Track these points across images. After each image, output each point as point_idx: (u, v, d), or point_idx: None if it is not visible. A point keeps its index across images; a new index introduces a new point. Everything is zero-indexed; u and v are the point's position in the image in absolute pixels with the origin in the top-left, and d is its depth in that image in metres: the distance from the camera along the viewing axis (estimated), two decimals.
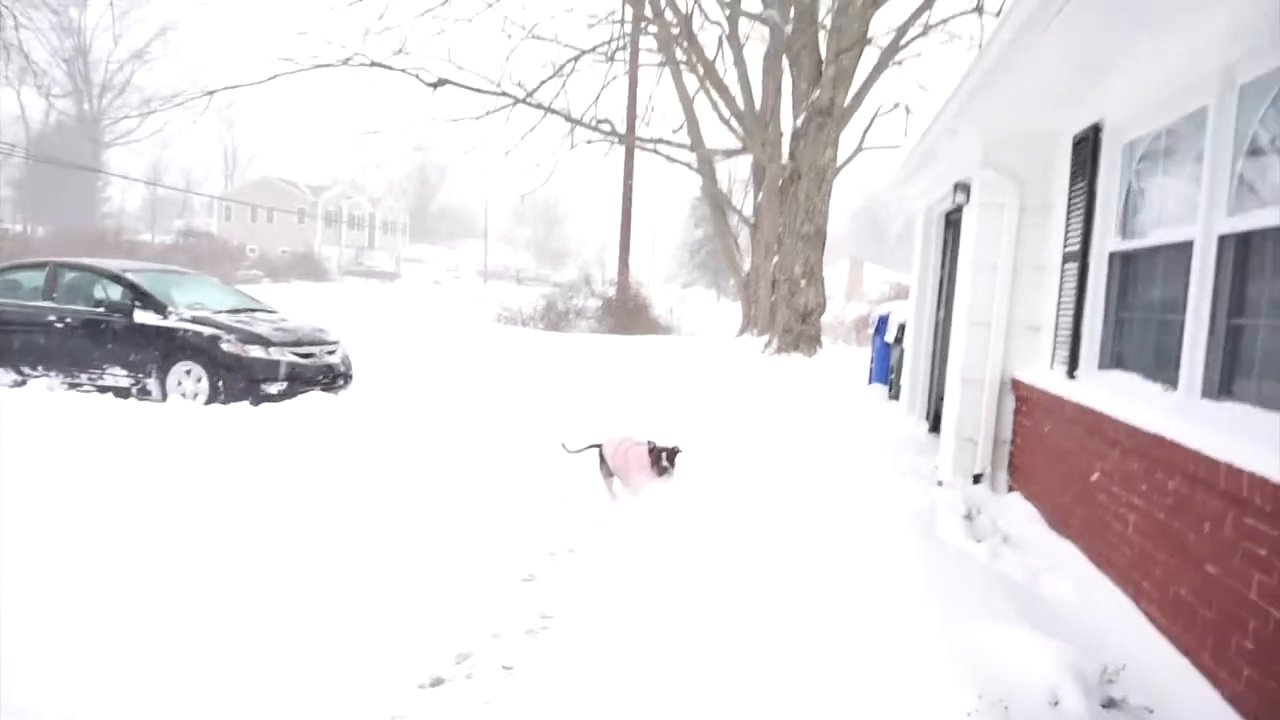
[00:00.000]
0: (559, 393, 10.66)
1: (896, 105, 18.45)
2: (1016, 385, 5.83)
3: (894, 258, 54.63)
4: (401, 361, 13.12)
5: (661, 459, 5.80)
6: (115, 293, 9.73)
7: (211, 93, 16.40)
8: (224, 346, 9.29)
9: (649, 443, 5.93)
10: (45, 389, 9.44)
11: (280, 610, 3.75)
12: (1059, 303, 5.31)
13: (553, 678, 3.28)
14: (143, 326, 9.48)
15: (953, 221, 7.88)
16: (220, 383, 9.22)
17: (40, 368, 9.72)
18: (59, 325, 9.69)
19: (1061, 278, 5.30)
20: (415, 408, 9.20)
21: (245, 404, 8.95)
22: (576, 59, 17.93)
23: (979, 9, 15.79)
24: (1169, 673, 3.21)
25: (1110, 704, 2.80)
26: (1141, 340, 4.46)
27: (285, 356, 9.55)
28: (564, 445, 6.35)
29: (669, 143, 20.45)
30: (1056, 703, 2.63)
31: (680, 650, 3.31)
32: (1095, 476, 4.35)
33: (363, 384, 10.63)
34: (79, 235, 38.13)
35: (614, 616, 3.78)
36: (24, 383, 9.65)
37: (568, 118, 18.12)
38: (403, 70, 16.85)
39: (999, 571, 4.17)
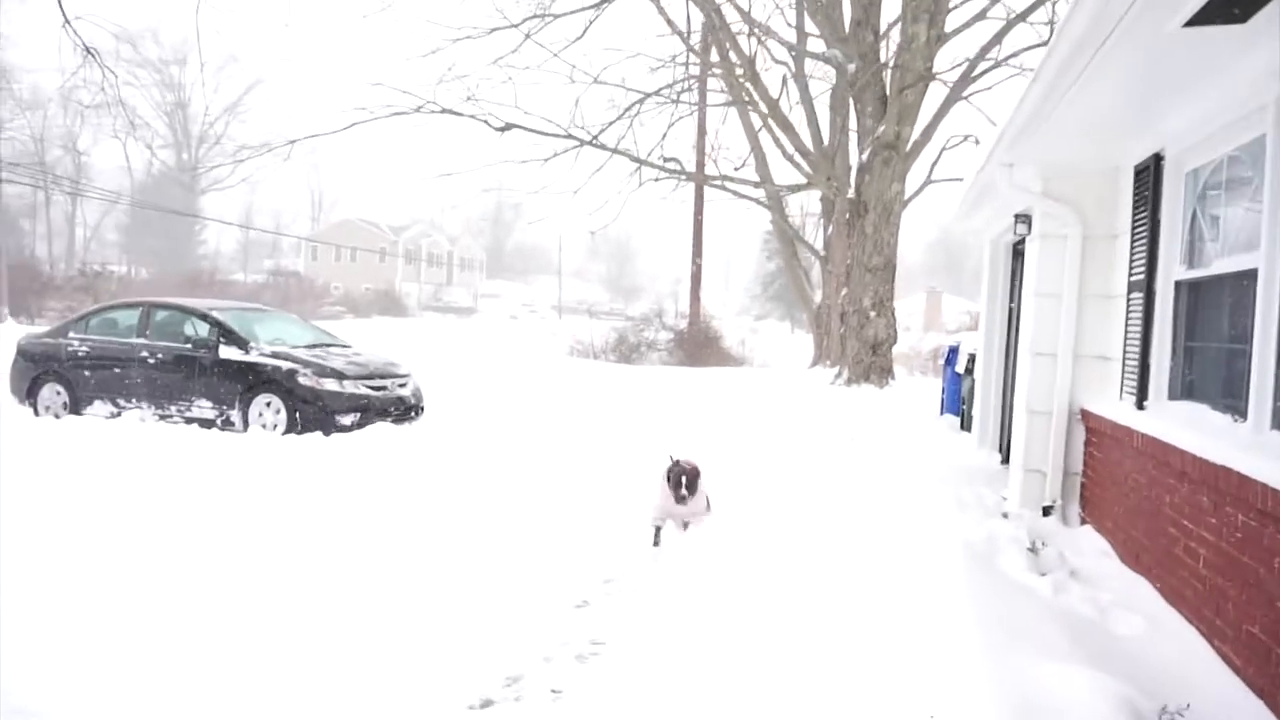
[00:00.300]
0: (625, 423, 10.72)
1: (965, 139, 18.18)
2: (1086, 416, 5.69)
3: (972, 288, 53.49)
4: (473, 393, 13.40)
5: (681, 484, 5.15)
6: (202, 330, 10.24)
7: (293, 141, 17.12)
8: (301, 380, 9.66)
9: (671, 460, 5.40)
10: (138, 420, 10.00)
11: (339, 626, 3.90)
12: (1126, 333, 5.18)
13: (599, 703, 3.31)
14: (227, 361, 9.94)
15: (1019, 252, 7.75)
16: (297, 414, 9.58)
17: (134, 400, 10.27)
18: (151, 360, 10.24)
19: (1128, 307, 5.18)
20: (482, 438, 9.39)
21: (319, 434, 9.30)
22: (641, 101, 18.15)
23: (1048, 44, 15.52)
24: (1239, 715, 3.08)
25: None
26: (1210, 371, 4.33)
27: (358, 389, 9.89)
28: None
29: (736, 179, 20.54)
30: None
31: (725, 680, 3.31)
32: (1165, 509, 4.22)
33: (434, 415, 10.90)
34: (178, 276, 40.35)
35: (663, 644, 3.80)
36: (120, 414, 10.22)
37: (634, 158, 18.32)
38: (472, 116, 17.32)
39: (1062, 606, 4.06)
